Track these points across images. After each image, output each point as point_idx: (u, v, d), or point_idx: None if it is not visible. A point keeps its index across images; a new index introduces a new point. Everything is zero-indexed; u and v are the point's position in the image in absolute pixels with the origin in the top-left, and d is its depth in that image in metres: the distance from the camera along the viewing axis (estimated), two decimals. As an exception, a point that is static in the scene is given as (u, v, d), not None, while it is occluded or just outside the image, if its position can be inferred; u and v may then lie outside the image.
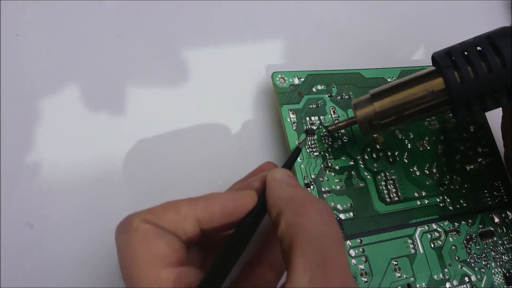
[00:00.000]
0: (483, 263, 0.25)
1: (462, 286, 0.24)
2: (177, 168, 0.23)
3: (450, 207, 0.26)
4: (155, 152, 0.23)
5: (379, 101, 0.22)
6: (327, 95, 0.26)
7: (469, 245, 0.25)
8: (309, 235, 0.15)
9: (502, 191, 0.27)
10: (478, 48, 0.20)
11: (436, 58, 0.22)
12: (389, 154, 0.26)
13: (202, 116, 0.25)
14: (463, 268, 0.25)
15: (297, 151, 0.23)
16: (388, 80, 0.28)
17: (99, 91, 0.24)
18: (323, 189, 0.24)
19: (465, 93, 0.20)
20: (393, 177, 0.25)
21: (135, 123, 0.24)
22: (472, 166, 0.27)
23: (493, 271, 0.25)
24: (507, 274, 0.25)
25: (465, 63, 0.20)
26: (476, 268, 0.25)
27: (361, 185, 0.25)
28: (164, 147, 0.24)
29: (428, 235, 0.25)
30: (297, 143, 0.24)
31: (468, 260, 0.25)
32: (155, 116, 0.24)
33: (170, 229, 0.16)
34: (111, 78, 0.24)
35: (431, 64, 0.23)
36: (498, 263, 0.25)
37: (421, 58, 0.31)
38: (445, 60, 0.21)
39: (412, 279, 0.23)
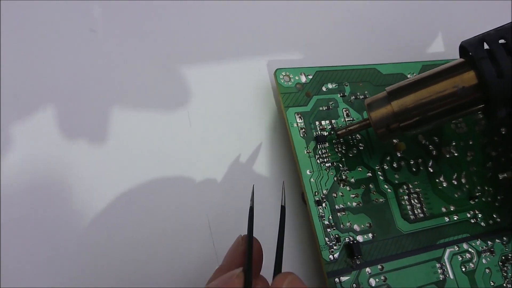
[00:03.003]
0: (522, 288, 0.22)
1: (498, 316, 0.21)
2: (165, 183, 0.20)
3: (482, 223, 0.23)
4: (137, 161, 0.20)
5: (398, 100, 0.19)
6: (339, 95, 0.23)
7: (505, 268, 0.22)
8: None
9: (540, 202, 0.24)
10: None
11: (466, 47, 0.18)
12: (412, 163, 0.23)
13: (193, 126, 0.21)
14: (500, 295, 0.21)
15: (250, 213, 0.17)
16: (408, 76, 0.24)
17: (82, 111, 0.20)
18: (337, 207, 0.20)
19: (504, 90, 0.17)
20: (417, 189, 0.22)
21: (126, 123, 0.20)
22: (505, 175, 0.24)
23: (533, 297, 0.22)
24: (550, 301, 0.22)
25: (504, 53, 0.17)
26: (514, 295, 0.22)
27: (380, 200, 0.21)
28: (148, 156, 0.20)
29: (459, 257, 0.22)
30: (306, 152, 0.20)
31: (504, 285, 0.22)
32: (136, 123, 0.20)
33: None
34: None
35: (458, 56, 0.20)
36: (539, 288, 0.22)
37: (444, 50, 0.27)
38: (479, 49, 0.18)
39: (442, 311, 0.20)
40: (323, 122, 0.22)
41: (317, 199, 0.20)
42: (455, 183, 0.23)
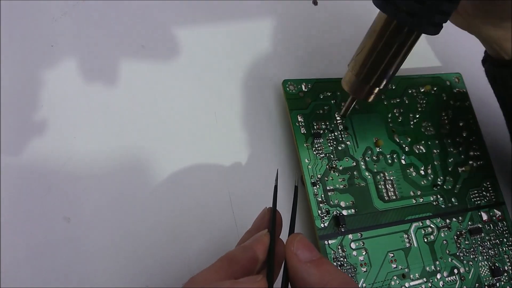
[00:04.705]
0: (471, 256, 0.28)
1: (451, 278, 0.27)
2: (195, 166, 0.26)
3: (443, 206, 0.28)
4: (175, 149, 0.26)
5: (352, 63, 0.22)
6: (332, 101, 0.28)
7: (459, 240, 0.28)
8: None
9: (491, 191, 0.30)
10: None
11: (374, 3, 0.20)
12: (388, 156, 0.28)
13: (218, 121, 0.27)
14: (453, 261, 0.27)
15: (275, 190, 0.21)
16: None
17: (127, 96, 0.26)
18: (328, 188, 0.26)
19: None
20: (391, 177, 0.28)
21: (156, 121, 0.26)
22: (463, 168, 0.30)
23: (480, 264, 0.28)
24: (493, 267, 0.28)
25: None
26: (465, 261, 0.27)
27: (362, 184, 0.27)
28: (184, 146, 0.26)
29: (422, 230, 0.27)
30: (305, 145, 0.26)
31: (457, 254, 0.27)
32: (176, 120, 0.26)
33: None
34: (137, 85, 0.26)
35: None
36: (484, 257, 0.28)
37: (415, 66, 0.33)
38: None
39: (406, 270, 0.26)
40: (319, 122, 0.27)
41: (313, 181, 0.26)
42: (422, 173, 0.29)
